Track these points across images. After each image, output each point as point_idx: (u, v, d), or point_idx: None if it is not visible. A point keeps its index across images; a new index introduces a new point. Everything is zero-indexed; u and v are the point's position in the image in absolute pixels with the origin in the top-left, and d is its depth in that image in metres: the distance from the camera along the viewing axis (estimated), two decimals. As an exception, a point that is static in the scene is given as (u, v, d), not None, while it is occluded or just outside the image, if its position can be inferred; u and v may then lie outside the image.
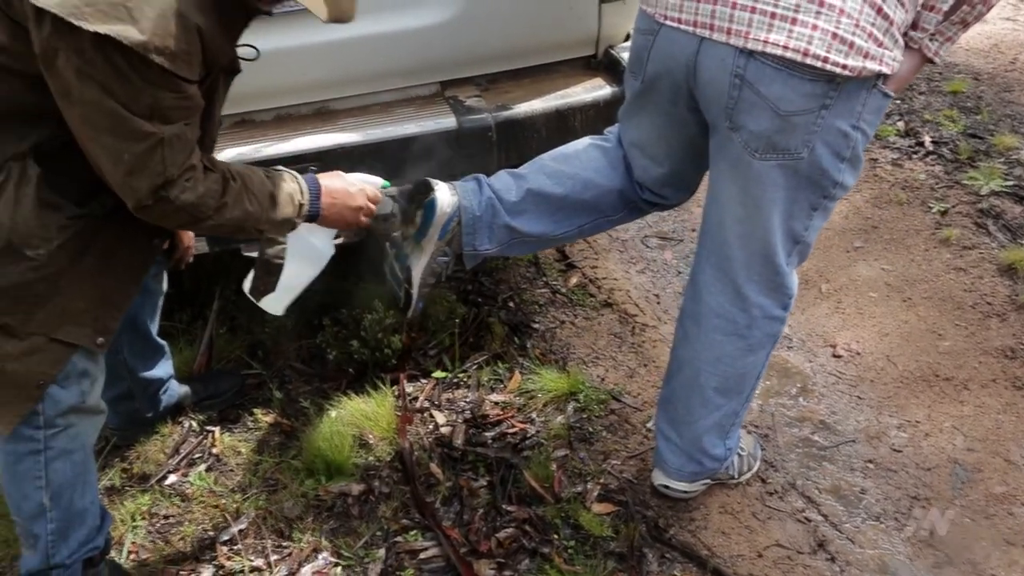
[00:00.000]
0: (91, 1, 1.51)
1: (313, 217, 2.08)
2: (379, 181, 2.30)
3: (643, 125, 2.34)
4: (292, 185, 2.02)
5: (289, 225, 2.03)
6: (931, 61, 2.04)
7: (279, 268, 2.17)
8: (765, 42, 1.89)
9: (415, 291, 2.41)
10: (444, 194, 2.31)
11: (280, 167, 2.06)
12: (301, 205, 2.03)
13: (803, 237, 2.20)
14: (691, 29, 2.00)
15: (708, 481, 2.60)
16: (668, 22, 2.06)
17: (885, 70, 1.92)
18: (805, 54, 1.86)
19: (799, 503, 2.61)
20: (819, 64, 1.87)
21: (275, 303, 2.31)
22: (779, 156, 2.02)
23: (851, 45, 1.86)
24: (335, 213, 2.12)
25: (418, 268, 2.38)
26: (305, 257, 2.25)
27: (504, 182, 2.40)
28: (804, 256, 2.28)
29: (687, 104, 2.15)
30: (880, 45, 1.89)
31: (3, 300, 1.80)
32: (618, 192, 2.44)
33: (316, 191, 2.07)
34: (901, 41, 1.95)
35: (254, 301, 2.29)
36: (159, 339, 2.69)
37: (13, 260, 1.74)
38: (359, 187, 2.19)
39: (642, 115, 2.33)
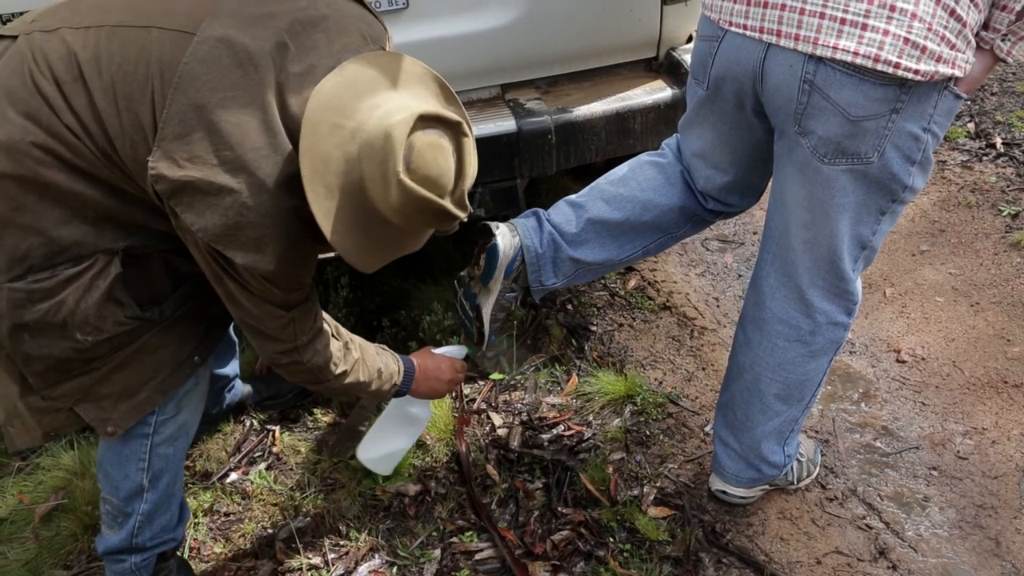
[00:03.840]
0: (231, 231, 1.62)
1: (401, 395, 2.34)
2: (462, 351, 2.55)
3: (706, 134, 2.32)
4: (394, 366, 2.25)
5: (381, 399, 2.28)
6: (1003, 61, 2.00)
7: (360, 435, 2.45)
8: (835, 48, 1.85)
9: (486, 328, 2.46)
10: (504, 237, 2.35)
11: (385, 347, 2.29)
12: (395, 385, 2.25)
13: (870, 242, 2.16)
14: (757, 35, 1.97)
15: (766, 487, 2.57)
16: (733, 28, 2.03)
17: (958, 73, 1.88)
18: (876, 60, 1.83)
19: (860, 510, 2.57)
20: (890, 70, 1.83)
21: (384, 467, 2.61)
22: (848, 161, 1.98)
23: (923, 49, 1.82)
24: (427, 388, 2.39)
25: (487, 306, 2.43)
26: (405, 423, 2.54)
27: (563, 214, 2.42)
28: (870, 261, 2.25)
29: (753, 108, 2.13)
30: (953, 48, 1.85)
31: (40, 365, 1.82)
32: (679, 208, 2.44)
33: (411, 374, 2.32)
34: (974, 42, 1.90)
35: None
36: (233, 335, 2.75)
37: (62, 337, 1.78)
38: (448, 363, 2.45)
39: (705, 124, 2.31)
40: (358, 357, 2.08)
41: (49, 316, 1.74)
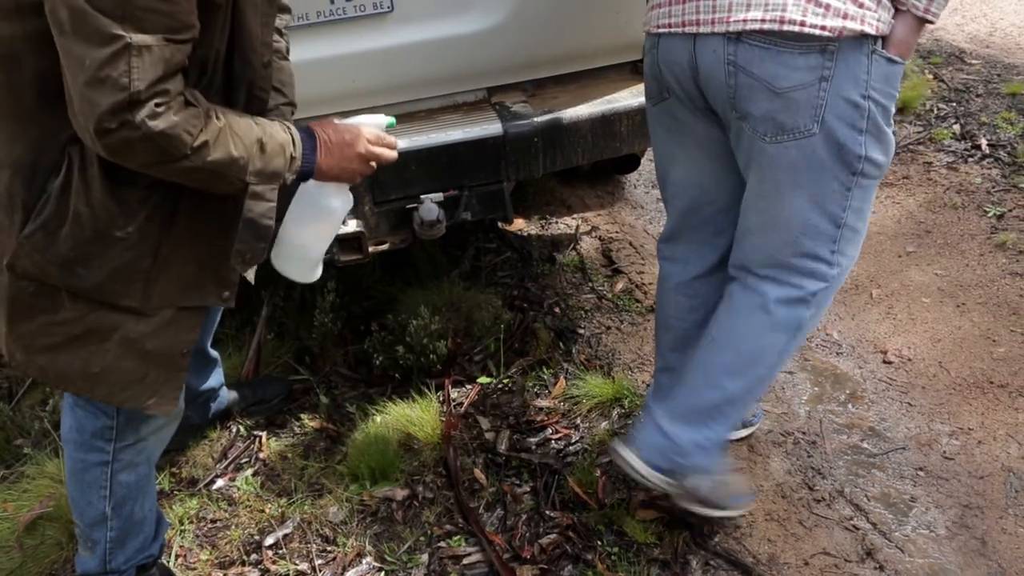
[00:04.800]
0: None
1: (308, 175, 1.84)
2: (383, 120, 2.02)
3: (679, 162, 2.34)
4: (283, 135, 1.75)
5: (278, 179, 1.75)
6: (928, 21, 1.98)
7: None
8: (744, 21, 1.92)
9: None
10: (639, 465, 2.31)
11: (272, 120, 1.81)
12: (293, 158, 1.76)
13: (843, 219, 2.13)
14: (681, 30, 2.04)
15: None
16: (662, 30, 2.10)
17: (869, 30, 1.91)
18: (782, 22, 1.88)
19: (847, 511, 2.57)
20: (797, 29, 1.88)
21: (301, 272, 2.09)
22: (790, 136, 2.00)
23: (827, 7, 1.88)
24: (336, 165, 1.87)
25: (703, 488, 2.37)
26: (318, 218, 2.02)
27: (659, 389, 2.50)
28: (852, 242, 2.20)
29: (703, 107, 2.16)
30: (860, 6, 1.89)
31: (116, 284, 1.73)
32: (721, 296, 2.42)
33: (312, 144, 1.82)
34: (887, 2, 1.94)
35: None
36: (212, 351, 2.73)
37: (107, 244, 1.68)
38: (357, 133, 1.91)
39: (674, 150, 2.33)
40: (223, 125, 1.61)
41: (79, 237, 1.66)
